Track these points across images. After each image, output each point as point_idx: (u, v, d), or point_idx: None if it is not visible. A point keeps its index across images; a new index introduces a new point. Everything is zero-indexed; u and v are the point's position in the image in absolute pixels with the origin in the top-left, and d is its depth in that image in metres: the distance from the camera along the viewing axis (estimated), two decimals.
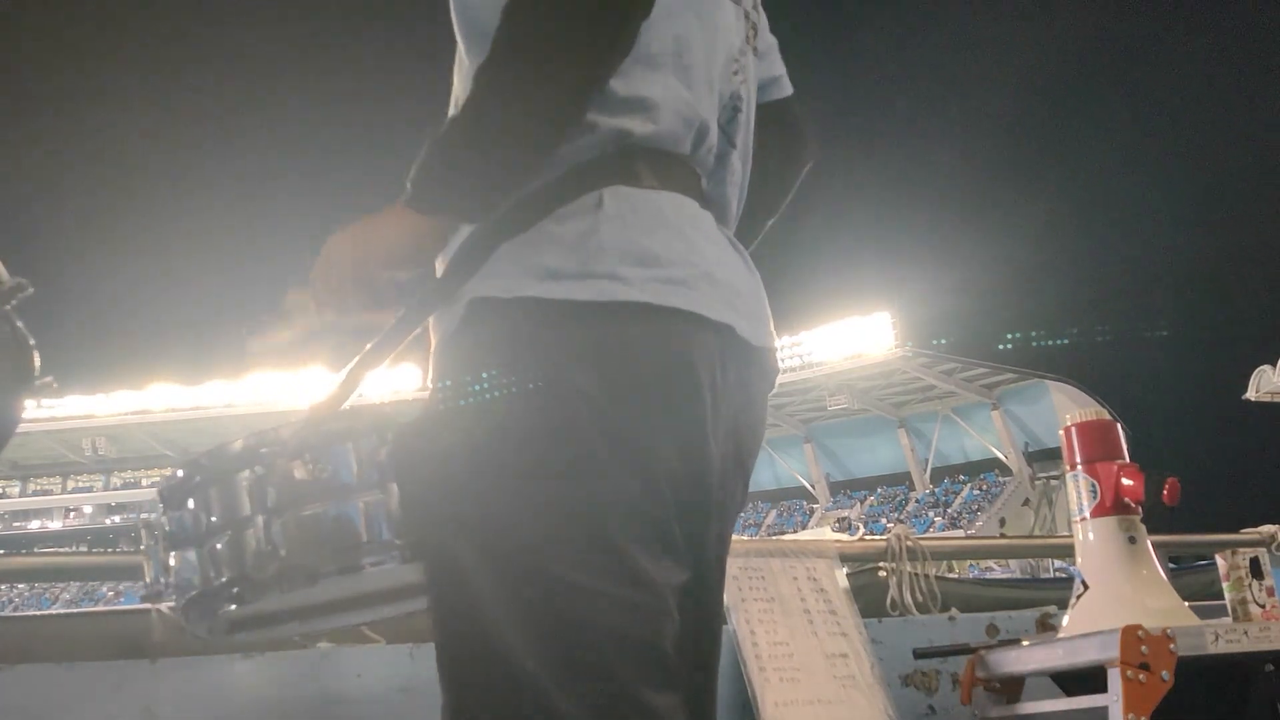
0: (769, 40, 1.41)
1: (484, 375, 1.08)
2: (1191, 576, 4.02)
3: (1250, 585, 2.54)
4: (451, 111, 1.22)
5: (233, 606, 1.14)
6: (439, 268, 1.20)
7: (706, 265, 1.16)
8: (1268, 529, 3.50)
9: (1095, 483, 2.24)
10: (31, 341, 1.33)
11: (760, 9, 1.37)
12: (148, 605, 1.22)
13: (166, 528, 1.17)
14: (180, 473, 1.18)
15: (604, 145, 1.12)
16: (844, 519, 40.33)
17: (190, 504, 1.16)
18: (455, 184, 1.09)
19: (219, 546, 1.13)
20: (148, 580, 1.19)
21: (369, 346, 1.16)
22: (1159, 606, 2.13)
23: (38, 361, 1.32)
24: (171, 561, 1.16)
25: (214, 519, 1.14)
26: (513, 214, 1.12)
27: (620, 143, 1.13)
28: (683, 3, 1.18)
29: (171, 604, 1.17)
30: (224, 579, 1.13)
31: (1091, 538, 2.23)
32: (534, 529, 1.05)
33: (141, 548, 1.21)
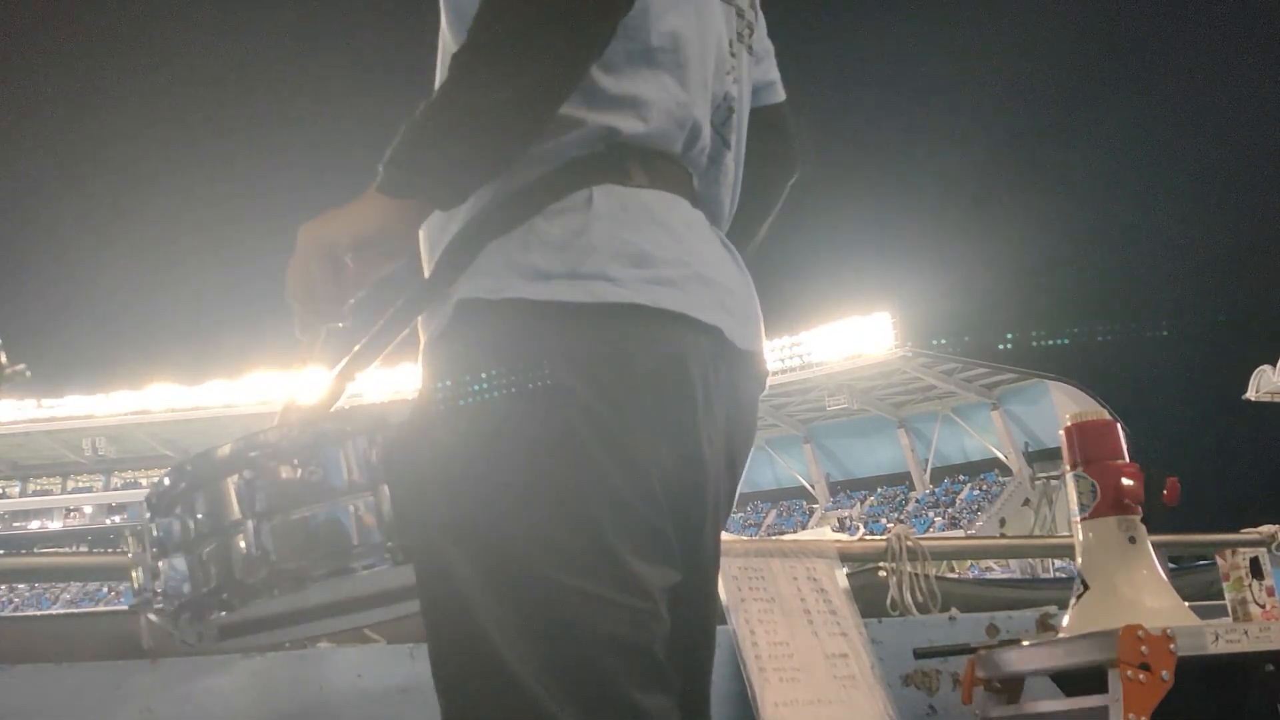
0: (766, 45, 1.40)
1: (473, 377, 1.07)
2: (1191, 576, 4.02)
3: (1250, 585, 2.54)
4: None
5: (222, 613, 1.13)
6: (427, 266, 1.19)
7: (698, 265, 1.14)
8: (1268, 529, 3.50)
9: (1095, 483, 2.24)
10: (0, 340, 1.32)
11: (758, 9, 1.36)
12: (137, 611, 1.21)
13: (155, 534, 1.16)
14: (167, 479, 1.17)
15: (593, 143, 1.11)
16: (844, 519, 40.32)
17: (178, 510, 1.15)
18: (426, 168, 1.08)
19: (207, 552, 1.12)
20: (136, 588, 1.19)
21: (357, 347, 1.15)
22: (1159, 606, 2.13)
23: (4, 355, 1.32)
24: (160, 568, 1.16)
25: (202, 525, 1.13)
26: (501, 211, 1.10)
27: (610, 140, 1.12)
28: (677, 1, 1.17)
29: (160, 609, 1.16)
30: (213, 585, 1.12)
31: (1091, 538, 2.23)
32: (524, 531, 1.04)
33: (129, 556, 1.20)
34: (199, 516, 1.14)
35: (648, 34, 1.13)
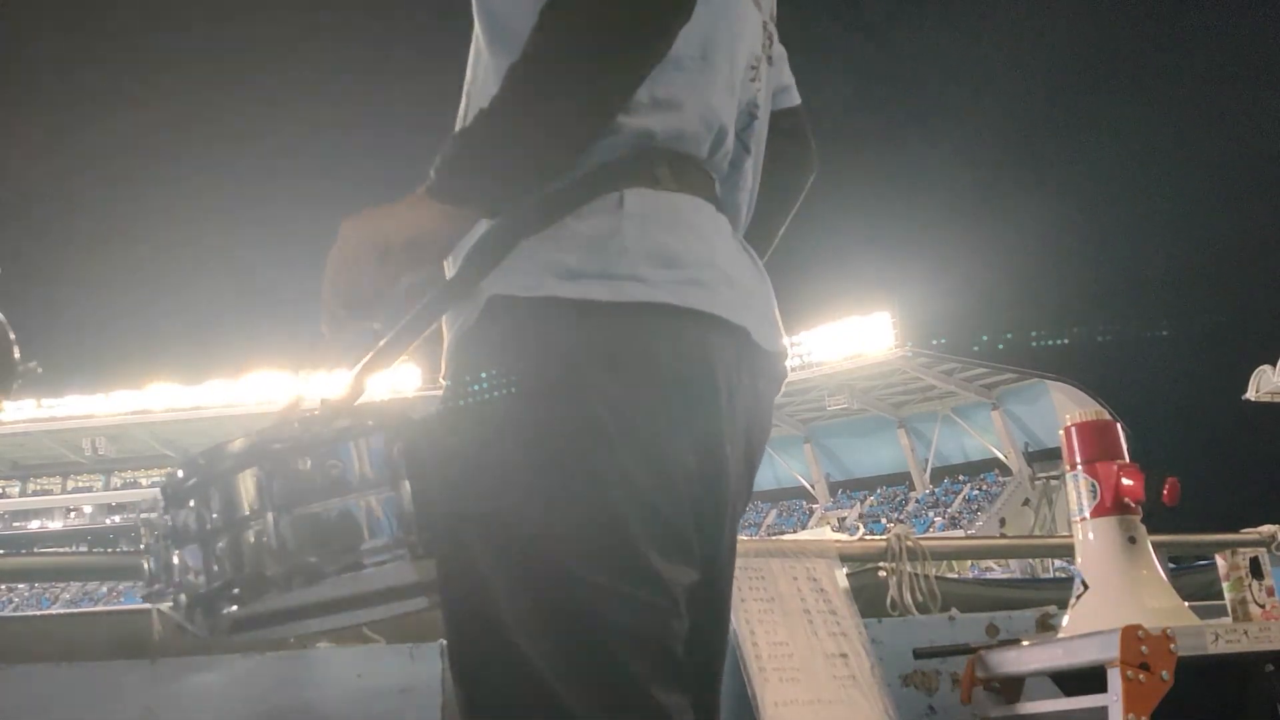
0: (779, 50, 1.41)
1: (501, 373, 1.08)
2: (1191, 576, 4.02)
3: (1250, 585, 2.54)
4: (463, 106, 1.23)
5: (235, 606, 1.13)
6: (453, 264, 1.19)
7: (725, 267, 1.16)
8: (1268, 529, 3.50)
9: (1095, 483, 2.24)
10: (12, 336, 1.32)
11: (775, 18, 1.37)
12: (148, 605, 1.21)
13: (169, 526, 1.16)
14: (181, 472, 1.17)
15: (625, 146, 1.12)
16: (844, 519, 40.34)
17: (192, 503, 1.15)
18: (480, 176, 1.08)
19: (223, 544, 1.13)
20: (147, 579, 1.19)
21: (382, 343, 1.15)
22: (1159, 606, 2.13)
23: (18, 351, 1.32)
24: (174, 561, 1.16)
25: (220, 517, 1.13)
26: (533, 211, 1.11)
27: (641, 144, 1.13)
28: (709, 6, 1.17)
29: (172, 603, 1.17)
30: (228, 577, 1.12)
31: (1091, 538, 2.24)
32: (549, 526, 1.05)
33: (141, 547, 1.20)
34: (217, 508, 1.14)
35: (679, 41, 1.13)
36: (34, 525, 50.23)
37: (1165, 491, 2.20)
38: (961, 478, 42.19)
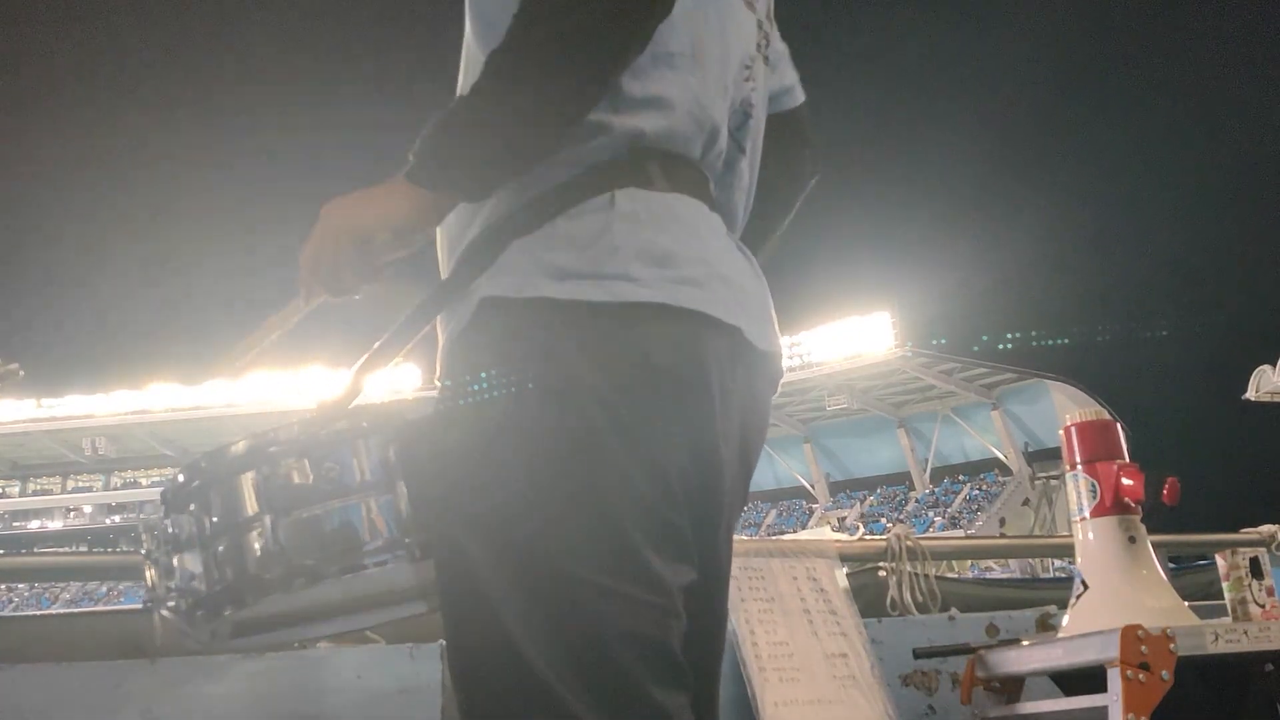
0: (780, 48, 1.41)
1: (496, 374, 1.08)
2: (1191, 576, 4.02)
3: (1250, 585, 2.54)
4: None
5: (237, 610, 1.13)
6: (446, 265, 1.19)
7: (718, 266, 1.16)
8: (1268, 529, 3.50)
9: (1095, 482, 2.24)
10: None
11: (772, 19, 1.37)
12: (149, 609, 1.20)
13: (170, 530, 1.16)
14: (181, 476, 1.17)
15: (616, 146, 1.12)
16: (844, 519, 40.33)
17: (192, 506, 1.15)
18: (457, 160, 1.09)
19: (223, 548, 1.13)
20: (149, 585, 1.19)
21: (377, 345, 1.16)
22: (1159, 606, 2.13)
23: None
24: (175, 564, 1.16)
25: (220, 520, 1.13)
26: (524, 212, 1.12)
27: (633, 144, 1.13)
28: (701, 4, 1.18)
29: (173, 607, 1.16)
30: (228, 581, 1.12)
31: (1091, 538, 2.23)
32: (545, 526, 1.05)
33: (143, 552, 1.20)
34: (215, 512, 1.14)
35: (669, 38, 1.13)
36: (34, 525, 50.19)
37: (1165, 491, 2.20)
38: (961, 478, 42.18)
